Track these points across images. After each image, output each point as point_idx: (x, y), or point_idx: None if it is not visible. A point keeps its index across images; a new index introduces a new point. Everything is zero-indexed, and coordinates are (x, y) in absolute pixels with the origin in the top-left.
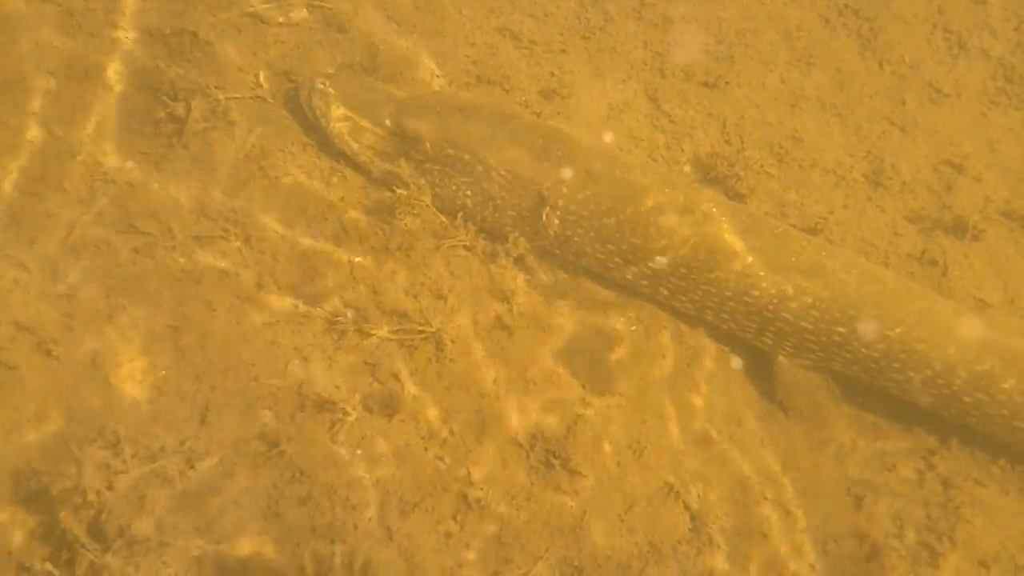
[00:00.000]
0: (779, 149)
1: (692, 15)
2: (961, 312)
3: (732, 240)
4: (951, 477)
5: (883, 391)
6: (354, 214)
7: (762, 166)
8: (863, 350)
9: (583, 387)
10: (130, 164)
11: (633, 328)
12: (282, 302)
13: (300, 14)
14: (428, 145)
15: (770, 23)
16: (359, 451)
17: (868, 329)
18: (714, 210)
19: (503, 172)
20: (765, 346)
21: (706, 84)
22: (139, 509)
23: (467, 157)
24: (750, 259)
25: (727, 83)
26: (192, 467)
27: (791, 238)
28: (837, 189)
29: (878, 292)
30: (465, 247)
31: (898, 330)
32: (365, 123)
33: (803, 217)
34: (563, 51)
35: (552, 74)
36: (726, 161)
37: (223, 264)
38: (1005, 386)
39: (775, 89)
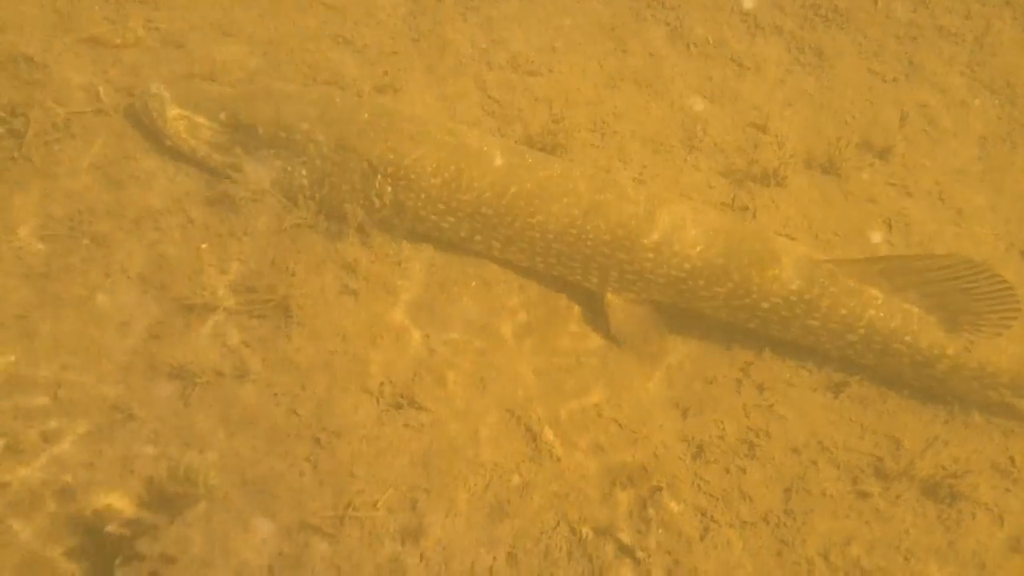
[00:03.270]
0: (602, 124)
1: (513, 15)
2: (750, 228)
3: (546, 184)
4: (765, 382)
5: (699, 314)
6: (199, 207)
7: (587, 139)
8: (672, 272)
9: (427, 336)
10: None
11: (473, 284)
12: (131, 289)
13: (136, 34)
14: (261, 131)
15: (586, 18)
16: (212, 410)
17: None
18: (530, 160)
19: (333, 147)
20: (593, 286)
21: (531, 73)
22: None
23: (298, 138)
24: (566, 200)
25: (550, 71)
26: (47, 441)
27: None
28: (656, 155)
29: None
30: (308, 225)
31: (698, 248)
32: (201, 119)
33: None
34: (394, 52)
35: (385, 73)
36: (553, 136)
37: (71, 260)
38: (793, 287)
39: (595, 74)
